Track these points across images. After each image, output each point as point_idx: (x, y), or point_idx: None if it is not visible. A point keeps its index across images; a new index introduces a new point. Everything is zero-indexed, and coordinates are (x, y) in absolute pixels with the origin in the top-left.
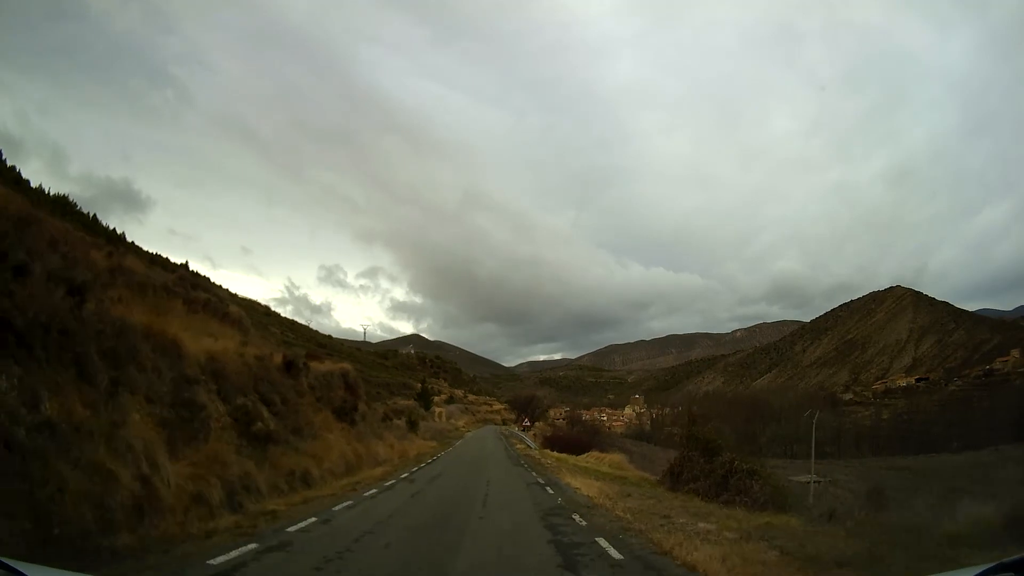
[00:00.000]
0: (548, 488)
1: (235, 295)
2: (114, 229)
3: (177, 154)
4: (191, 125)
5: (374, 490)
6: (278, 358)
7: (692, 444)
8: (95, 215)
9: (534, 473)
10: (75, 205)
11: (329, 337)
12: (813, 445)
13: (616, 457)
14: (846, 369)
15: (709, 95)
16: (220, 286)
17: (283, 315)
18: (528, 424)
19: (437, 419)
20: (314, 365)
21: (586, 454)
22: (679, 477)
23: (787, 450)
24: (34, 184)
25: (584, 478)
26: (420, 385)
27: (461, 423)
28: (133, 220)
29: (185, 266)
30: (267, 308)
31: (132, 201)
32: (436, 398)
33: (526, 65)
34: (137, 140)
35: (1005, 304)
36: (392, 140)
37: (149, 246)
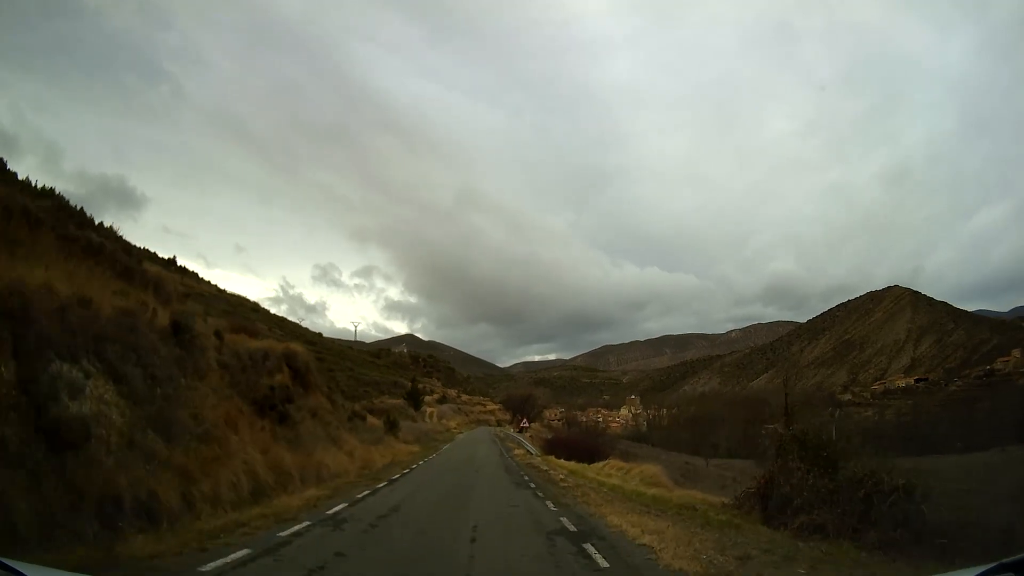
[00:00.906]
0: (589, 546)
1: (223, 290)
2: (101, 223)
3: (172, 152)
4: (186, 122)
5: (244, 551)
6: (164, 318)
7: (795, 452)
8: (82, 207)
9: (549, 503)
10: (63, 198)
11: (320, 335)
12: None
13: (650, 468)
14: (844, 369)
15: (706, 95)
16: (209, 281)
17: (273, 312)
18: (526, 425)
19: (428, 419)
20: (236, 338)
21: (603, 463)
22: (782, 505)
23: None
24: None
25: (631, 512)
26: (410, 383)
27: (453, 424)
28: (128, 218)
29: (173, 261)
30: (255, 304)
31: (126, 199)
32: (428, 398)
33: (523, 64)
34: (132, 137)
35: (1001, 305)
36: (388, 139)
37: (143, 244)
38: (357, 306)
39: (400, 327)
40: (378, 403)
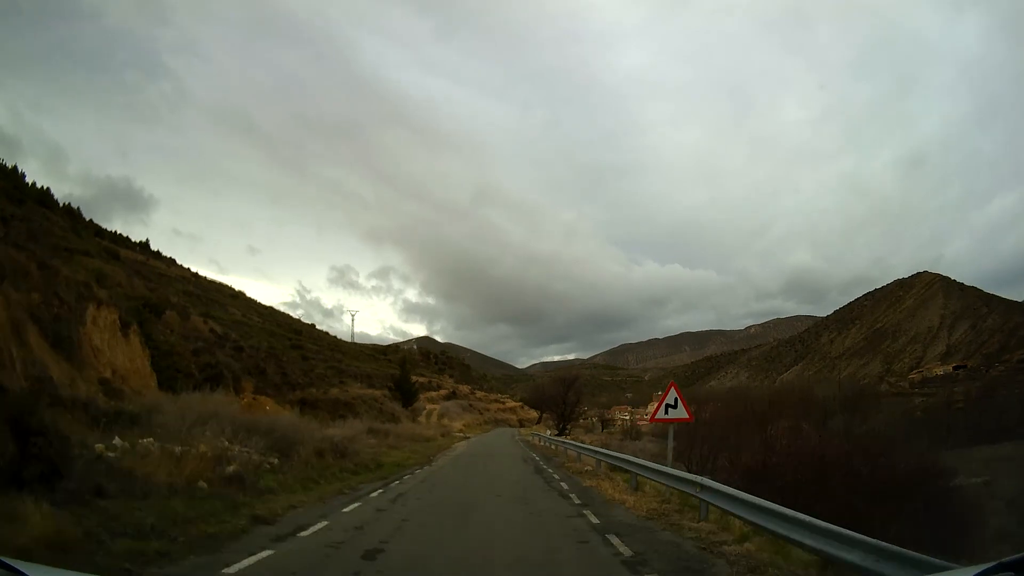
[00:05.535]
0: None
1: (199, 276)
2: (68, 204)
3: (177, 151)
4: (190, 121)
5: None
6: None
7: None
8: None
9: None
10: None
11: (312, 326)
12: None
13: None
14: (877, 359)
15: (719, 84)
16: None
17: (260, 302)
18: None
19: (423, 419)
20: None
21: None
22: None
23: None
24: None
25: None
26: (399, 370)
27: (458, 425)
28: (137, 221)
29: (146, 244)
30: (241, 292)
31: (134, 201)
32: (432, 393)
33: (533, 56)
34: (136, 138)
35: (1018, 294)
36: (398, 134)
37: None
38: (375, 309)
39: (419, 330)
40: (334, 393)
